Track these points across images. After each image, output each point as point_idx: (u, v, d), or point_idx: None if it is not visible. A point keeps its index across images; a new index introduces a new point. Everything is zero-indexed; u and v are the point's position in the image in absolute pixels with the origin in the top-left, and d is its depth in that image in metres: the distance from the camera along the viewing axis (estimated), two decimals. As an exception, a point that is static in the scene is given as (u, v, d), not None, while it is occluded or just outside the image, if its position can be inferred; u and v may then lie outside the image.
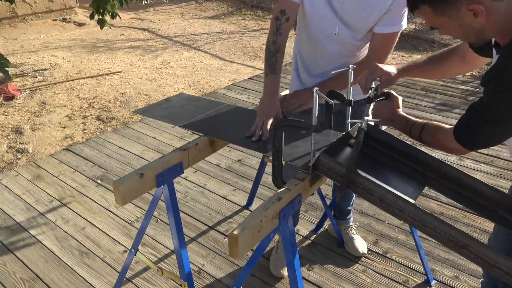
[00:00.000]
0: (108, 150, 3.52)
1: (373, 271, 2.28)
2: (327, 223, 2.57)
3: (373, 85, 1.49)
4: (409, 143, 1.43)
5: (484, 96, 1.15)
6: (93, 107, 4.42)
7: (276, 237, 2.33)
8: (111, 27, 3.52)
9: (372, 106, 1.56)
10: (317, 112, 1.35)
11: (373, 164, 1.44)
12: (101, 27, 3.27)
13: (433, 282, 2.19)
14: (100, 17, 3.22)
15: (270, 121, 1.64)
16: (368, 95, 1.51)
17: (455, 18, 1.10)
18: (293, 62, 2.02)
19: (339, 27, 1.74)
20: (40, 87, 4.88)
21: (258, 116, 1.67)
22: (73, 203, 2.87)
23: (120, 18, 3.73)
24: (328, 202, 2.44)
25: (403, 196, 1.29)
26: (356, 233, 2.43)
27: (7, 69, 2.11)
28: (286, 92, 2.16)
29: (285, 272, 2.22)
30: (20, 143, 3.73)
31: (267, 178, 2.91)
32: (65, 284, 2.23)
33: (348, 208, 2.40)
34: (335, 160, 1.35)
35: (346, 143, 1.53)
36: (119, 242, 2.52)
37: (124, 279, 2.13)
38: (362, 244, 2.39)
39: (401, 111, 1.46)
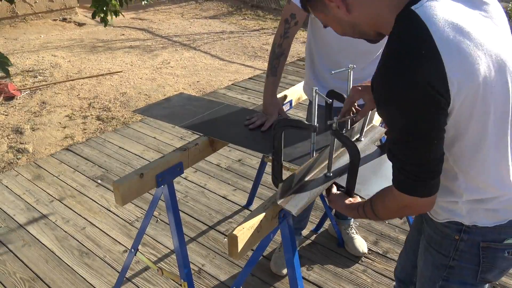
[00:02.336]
0: (108, 150, 3.52)
1: (373, 271, 2.28)
2: (327, 223, 2.57)
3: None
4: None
5: (386, 120, 0.96)
6: (93, 107, 4.42)
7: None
8: (113, 26, 3.51)
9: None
10: (316, 112, 1.35)
11: (362, 172, 1.45)
12: (105, 25, 3.27)
13: (433, 282, 2.19)
14: (102, 15, 3.22)
15: (272, 119, 1.76)
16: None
17: (327, 13, 1.06)
18: (307, 61, 2.00)
19: None
20: (40, 87, 4.88)
21: (260, 115, 1.80)
22: (73, 203, 2.87)
23: (123, 16, 3.73)
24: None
25: None
26: (356, 233, 2.43)
27: (7, 67, 2.11)
28: (286, 92, 2.16)
29: (285, 271, 2.22)
30: (20, 143, 3.73)
31: (267, 178, 2.91)
32: (65, 284, 2.23)
33: None
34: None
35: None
36: (119, 242, 2.52)
37: (124, 279, 2.14)
38: (363, 244, 2.39)
39: (356, 198, 1.28)
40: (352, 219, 2.45)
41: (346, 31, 1.08)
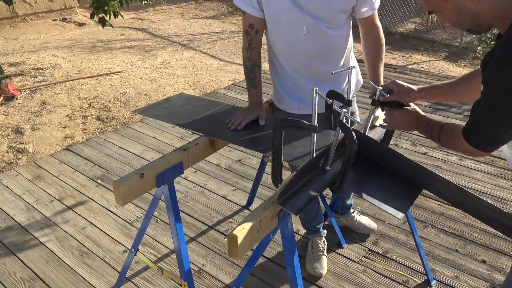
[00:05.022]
0: (108, 150, 3.52)
1: (373, 271, 2.28)
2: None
3: (379, 89, 1.48)
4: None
5: (483, 86, 1.08)
6: (93, 107, 4.43)
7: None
8: (113, 26, 3.51)
9: (380, 112, 1.58)
10: (316, 113, 1.35)
11: (362, 172, 1.44)
12: (103, 26, 3.28)
13: (433, 282, 2.19)
14: (101, 15, 3.23)
15: (249, 119, 1.79)
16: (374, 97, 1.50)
17: None
18: (271, 75, 1.97)
19: (307, 24, 1.69)
20: (40, 87, 4.88)
21: (239, 112, 1.83)
22: (73, 203, 2.87)
23: (122, 17, 3.73)
24: (328, 202, 2.44)
25: (390, 211, 1.32)
26: (360, 214, 2.53)
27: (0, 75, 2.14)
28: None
29: (321, 270, 2.24)
30: (20, 143, 3.73)
31: (267, 178, 2.91)
32: (65, 284, 2.23)
33: (349, 202, 2.47)
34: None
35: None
36: (119, 242, 2.52)
37: (124, 278, 2.14)
38: (371, 221, 2.51)
39: (421, 112, 1.41)
40: (351, 209, 2.50)
41: (461, 20, 1.13)
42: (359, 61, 2.03)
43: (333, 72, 1.57)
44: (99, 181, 3.10)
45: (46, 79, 5.15)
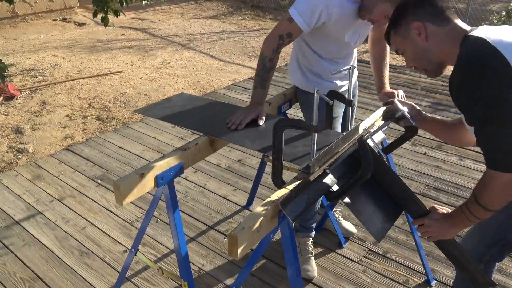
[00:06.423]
0: (108, 150, 3.52)
1: (373, 271, 2.28)
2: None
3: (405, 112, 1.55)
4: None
5: (471, 118, 1.20)
6: (93, 107, 4.43)
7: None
8: (114, 26, 3.52)
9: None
10: (317, 113, 1.35)
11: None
12: (105, 26, 3.27)
13: (433, 282, 2.19)
14: (103, 15, 3.23)
15: (249, 118, 1.79)
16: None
17: (406, 36, 1.29)
18: (300, 61, 2.07)
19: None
20: (40, 87, 4.88)
21: (239, 112, 1.83)
22: (73, 203, 2.87)
23: (124, 15, 3.73)
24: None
25: (372, 232, 1.40)
26: (342, 217, 2.57)
27: (4, 73, 2.13)
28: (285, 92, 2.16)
29: (313, 273, 2.24)
30: (20, 143, 3.73)
31: (267, 178, 2.91)
32: (65, 284, 2.23)
33: None
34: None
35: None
36: (119, 242, 2.52)
37: (124, 278, 2.14)
38: (350, 226, 2.53)
39: (446, 210, 1.41)
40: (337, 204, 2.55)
41: (417, 58, 1.32)
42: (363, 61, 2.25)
43: (338, 70, 1.60)
44: (99, 181, 3.10)
45: (46, 79, 5.15)
